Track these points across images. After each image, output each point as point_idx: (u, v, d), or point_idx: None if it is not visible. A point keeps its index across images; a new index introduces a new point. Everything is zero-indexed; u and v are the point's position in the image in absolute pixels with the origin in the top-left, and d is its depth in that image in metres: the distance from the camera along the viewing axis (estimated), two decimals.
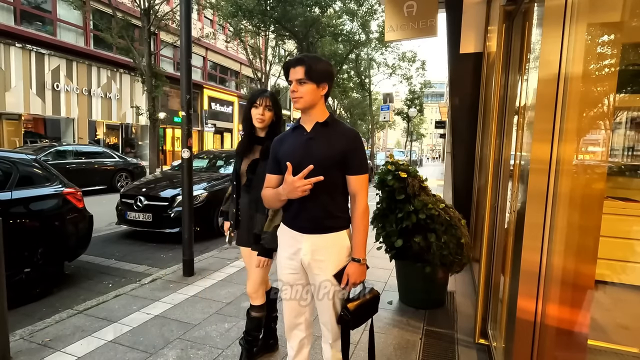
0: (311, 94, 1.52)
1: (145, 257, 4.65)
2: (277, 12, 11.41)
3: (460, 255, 2.98)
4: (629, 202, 2.77)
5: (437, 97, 62.68)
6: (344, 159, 1.53)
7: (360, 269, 1.62)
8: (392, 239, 3.03)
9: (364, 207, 1.59)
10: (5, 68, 12.78)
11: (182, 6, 3.56)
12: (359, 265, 1.61)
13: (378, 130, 30.83)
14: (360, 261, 1.61)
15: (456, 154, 4.40)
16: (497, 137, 2.45)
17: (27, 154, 3.74)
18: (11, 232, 3.02)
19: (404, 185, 2.99)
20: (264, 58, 17.91)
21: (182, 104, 3.66)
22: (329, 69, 1.56)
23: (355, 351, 2.46)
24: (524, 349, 1.59)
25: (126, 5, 15.21)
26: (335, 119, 1.62)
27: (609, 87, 1.48)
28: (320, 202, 1.56)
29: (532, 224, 1.53)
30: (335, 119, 1.63)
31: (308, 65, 1.49)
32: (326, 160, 1.51)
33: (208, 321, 2.81)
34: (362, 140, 1.60)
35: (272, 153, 1.65)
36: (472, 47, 3.63)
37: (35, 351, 2.37)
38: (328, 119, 1.58)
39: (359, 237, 1.60)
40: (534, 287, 1.54)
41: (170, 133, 21.14)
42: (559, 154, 1.45)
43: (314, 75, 1.50)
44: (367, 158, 1.81)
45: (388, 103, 18.55)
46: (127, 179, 10.89)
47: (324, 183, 1.49)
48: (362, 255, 1.62)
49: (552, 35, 1.44)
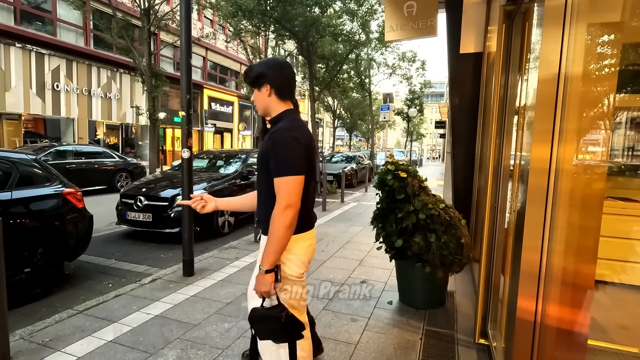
0: (258, 99, 1.62)
1: (145, 257, 4.65)
2: (277, 12, 11.40)
3: (460, 255, 2.98)
4: (629, 202, 2.77)
5: (437, 97, 62.68)
6: (267, 160, 1.51)
7: (260, 278, 1.47)
8: (392, 239, 3.03)
9: (278, 211, 1.44)
10: (5, 68, 12.78)
11: (182, 6, 3.56)
12: (260, 274, 1.48)
13: (378, 130, 30.86)
14: (260, 269, 1.48)
15: (456, 154, 4.40)
16: (497, 137, 2.45)
17: (27, 154, 3.73)
18: (11, 232, 3.02)
19: (403, 185, 3.00)
20: (264, 58, 17.92)
21: (182, 104, 3.66)
22: (260, 70, 1.58)
23: (355, 351, 2.46)
24: (524, 349, 1.59)
25: (126, 5, 15.21)
26: (281, 118, 1.59)
27: (609, 87, 1.48)
28: (263, 204, 1.59)
29: (532, 224, 1.53)
30: (281, 119, 1.59)
31: (246, 75, 1.64)
32: (258, 162, 1.59)
33: (208, 321, 2.81)
34: (285, 141, 1.48)
35: None
36: (472, 47, 3.63)
37: (35, 351, 2.37)
38: (273, 119, 1.61)
39: (266, 243, 1.48)
40: (534, 287, 1.54)
41: (170, 133, 21.15)
42: (559, 154, 1.45)
43: (251, 81, 1.61)
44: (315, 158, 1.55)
45: (388, 103, 18.57)
46: (127, 179, 10.89)
47: (263, 185, 1.56)
48: (265, 263, 1.46)
49: (552, 35, 1.44)
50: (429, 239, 2.88)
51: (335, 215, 7.51)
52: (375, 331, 2.74)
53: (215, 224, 5.64)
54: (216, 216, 5.66)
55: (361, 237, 5.61)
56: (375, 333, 2.71)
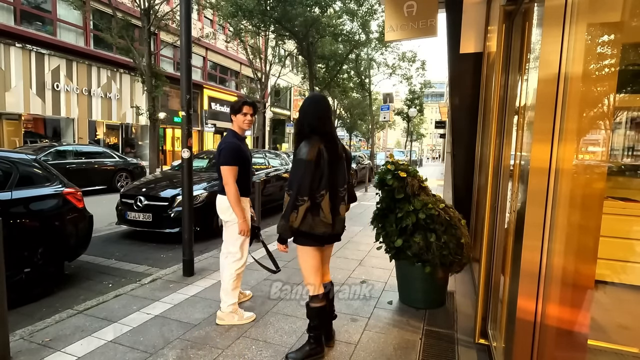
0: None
1: (145, 257, 4.65)
2: (277, 12, 11.40)
3: (460, 255, 2.98)
4: (629, 202, 2.77)
5: (437, 97, 62.67)
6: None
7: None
8: (392, 238, 3.03)
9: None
10: (5, 68, 12.78)
11: (182, 6, 3.56)
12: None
13: (378, 130, 30.86)
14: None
15: (456, 154, 4.41)
16: (497, 137, 2.45)
17: (27, 154, 3.73)
18: (11, 232, 3.02)
19: (403, 184, 3.00)
20: (264, 58, 17.91)
21: (182, 104, 3.66)
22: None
23: (355, 351, 2.46)
24: (524, 349, 1.59)
25: (126, 5, 15.21)
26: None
27: (609, 87, 1.48)
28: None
29: (532, 224, 1.53)
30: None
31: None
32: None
33: (208, 321, 2.81)
34: (227, 141, 2.81)
35: None
36: (472, 47, 3.63)
37: (35, 351, 2.37)
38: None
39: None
40: (534, 287, 1.54)
41: (170, 133, 21.14)
42: (559, 154, 1.45)
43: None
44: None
45: (388, 103, 18.57)
46: (127, 179, 10.89)
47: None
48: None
49: (552, 35, 1.44)
50: (429, 238, 2.88)
51: None
52: (375, 331, 2.74)
53: (215, 224, 5.64)
54: (216, 216, 5.64)
55: (361, 237, 5.61)
56: (375, 333, 2.71)
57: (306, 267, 2.26)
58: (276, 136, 31.57)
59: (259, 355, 2.38)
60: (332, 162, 2.13)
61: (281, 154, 9.45)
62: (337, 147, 2.20)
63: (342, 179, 2.19)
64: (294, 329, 2.73)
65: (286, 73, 21.45)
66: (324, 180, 2.07)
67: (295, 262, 4.28)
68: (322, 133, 2.13)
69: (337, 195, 2.16)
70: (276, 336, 2.62)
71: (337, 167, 2.17)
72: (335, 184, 2.15)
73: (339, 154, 2.19)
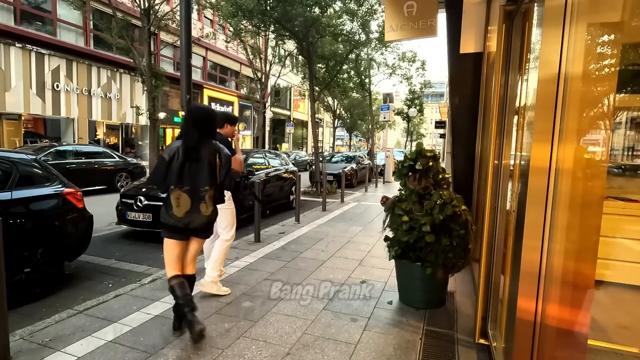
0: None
1: (145, 257, 4.65)
2: (277, 12, 11.38)
3: (464, 259, 2.98)
4: (629, 202, 2.78)
5: (437, 97, 62.64)
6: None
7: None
8: (422, 228, 2.90)
9: None
10: (5, 68, 12.78)
11: (182, 6, 3.57)
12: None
13: (378, 130, 30.81)
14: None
15: (456, 153, 4.41)
16: (497, 137, 2.45)
17: (27, 154, 3.73)
18: (11, 232, 3.01)
19: (431, 168, 3.04)
20: (264, 58, 17.90)
21: (182, 104, 3.66)
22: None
23: (355, 351, 2.46)
24: (524, 349, 1.60)
25: (126, 5, 15.19)
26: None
27: (609, 87, 1.48)
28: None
29: (532, 224, 1.53)
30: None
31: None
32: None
33: (208, 321, 2.81)
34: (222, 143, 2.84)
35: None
36: (472, 47, 3.62)
37: (35, 351, 2.37)
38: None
39: None
40: (534, 287, 1.54)
41: (170, 133, 21.14)
42: (559, 154, 1.45)
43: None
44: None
45: (388, 103, 18.56)
46: (127, 179, 10.88)
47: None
48: None
49: (552, 35, 1.44)
50: (442, 239, 2.85)
51: (335, 215, 7.51)
52: (375, 331, 2.74)
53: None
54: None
55: (361, 237, 5.61)
56: (375, 333, 2.71)
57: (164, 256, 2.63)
58: (276, 136, 31.59)
59: (259, 355, 2.38)
60: (187, 163, 2.49)
61: (281, 154, 9.46)
62: (197, 150, 2.51)
63: (202, 179, 2.51)
64: (294, 329, 2.73)
65: (286, 73, 21.40)
66: (173, 176, 2.46)
67: (295, 262, 4.28)
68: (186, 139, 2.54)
69: (196, 193, 2.50)
70: (276, 336, 2.62)
71: (197, 168, 2.51)
72: (193, 182, 2.49)
73: (199, 156, 2.52)
